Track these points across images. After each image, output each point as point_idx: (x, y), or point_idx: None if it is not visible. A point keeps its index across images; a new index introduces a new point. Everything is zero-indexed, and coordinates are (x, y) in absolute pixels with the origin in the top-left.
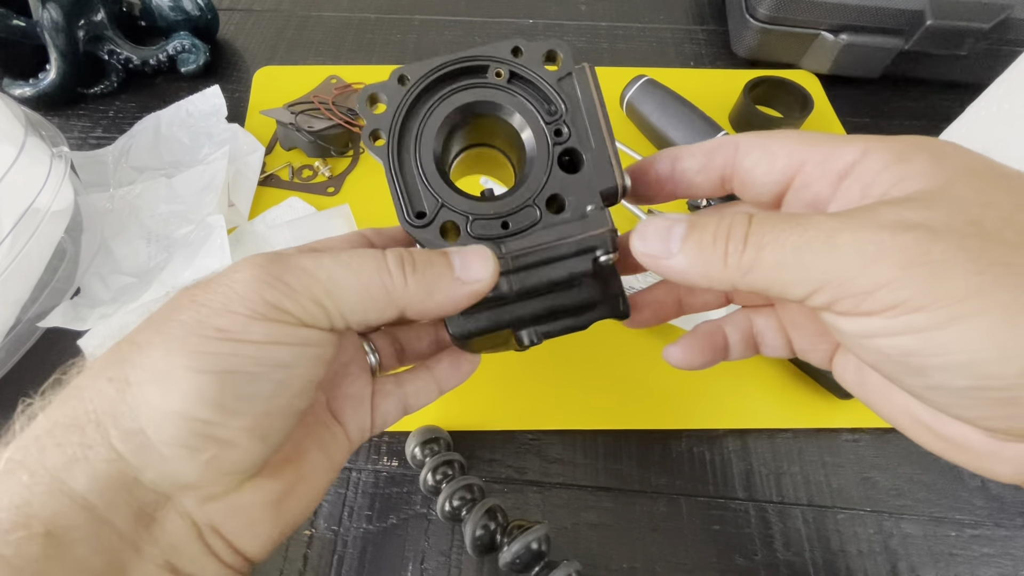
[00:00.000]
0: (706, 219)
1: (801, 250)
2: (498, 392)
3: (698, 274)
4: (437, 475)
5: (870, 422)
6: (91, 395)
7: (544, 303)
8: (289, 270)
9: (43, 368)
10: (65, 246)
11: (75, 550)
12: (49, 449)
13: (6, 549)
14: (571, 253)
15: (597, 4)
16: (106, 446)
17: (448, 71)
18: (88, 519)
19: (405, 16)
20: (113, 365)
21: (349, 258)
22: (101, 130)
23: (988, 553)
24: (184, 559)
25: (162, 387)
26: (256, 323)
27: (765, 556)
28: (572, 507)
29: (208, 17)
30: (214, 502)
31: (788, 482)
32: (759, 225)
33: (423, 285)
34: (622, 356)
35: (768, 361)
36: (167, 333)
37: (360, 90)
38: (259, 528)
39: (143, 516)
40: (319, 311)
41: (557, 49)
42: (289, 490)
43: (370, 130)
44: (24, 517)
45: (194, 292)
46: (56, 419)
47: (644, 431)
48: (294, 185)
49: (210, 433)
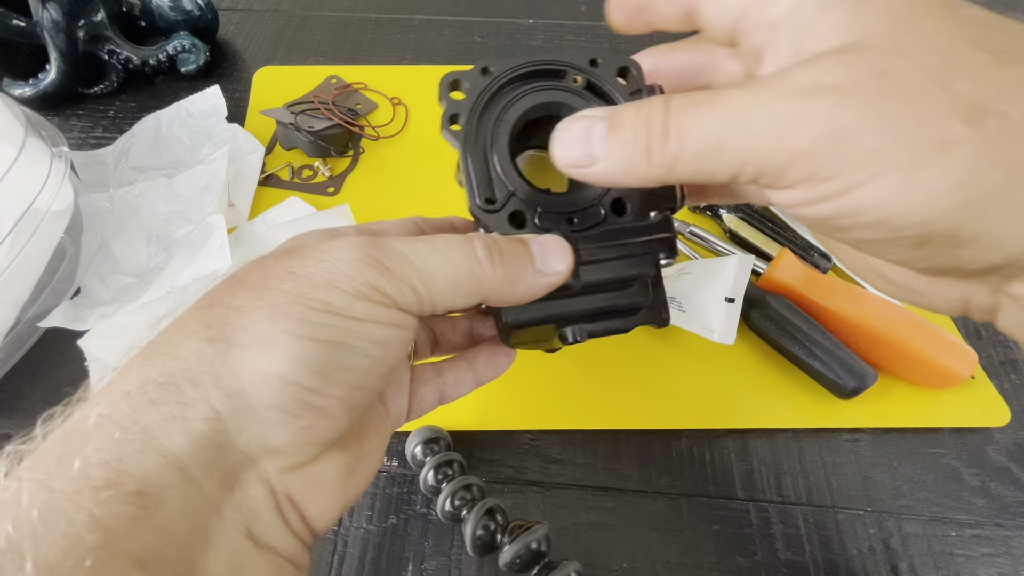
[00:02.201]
0: (623, 112)
1: (719, 135)
2: (498, 392)
3: (626, 177)
4: (437, 475)
5: (870, 422)
6: (187, 354)
7: (597, 302)
8: (389, 255)
9: (43, 368)
10: (65, 246)
11: (164, 511)
12: (142, 406)
13: (96, 508)
14: (636, 254)
15: (597, 4)
16: (205, 405)
17: (529, 70)
18: (179, 479)
19: (405, 16)
20: (211, 326)
21: (442, 245)
22: (101, 130)
23: (988, 553)
24: (261, 526)
25: (267, 350)
26: (358, 301)
27: (765, 556)
28: (572, 507)
29: (208, 17)
30: (295, 471)
31: (788, 482)
32: (677, 113)
33: (509, 274)
34: (622, 356)
35: (768, 361)
36: (269, 300)
37: (444, 76)
38: (329, 500)
39: (228, 479)
40: (413, 296)
41: (630, 67)
42: (355, 465)
43: (450, 114)
44: (115, 474)
45: (291, 264)
46: (147, 376)
47: (644, 431)
48: (294, 185)
49: (309, 400)
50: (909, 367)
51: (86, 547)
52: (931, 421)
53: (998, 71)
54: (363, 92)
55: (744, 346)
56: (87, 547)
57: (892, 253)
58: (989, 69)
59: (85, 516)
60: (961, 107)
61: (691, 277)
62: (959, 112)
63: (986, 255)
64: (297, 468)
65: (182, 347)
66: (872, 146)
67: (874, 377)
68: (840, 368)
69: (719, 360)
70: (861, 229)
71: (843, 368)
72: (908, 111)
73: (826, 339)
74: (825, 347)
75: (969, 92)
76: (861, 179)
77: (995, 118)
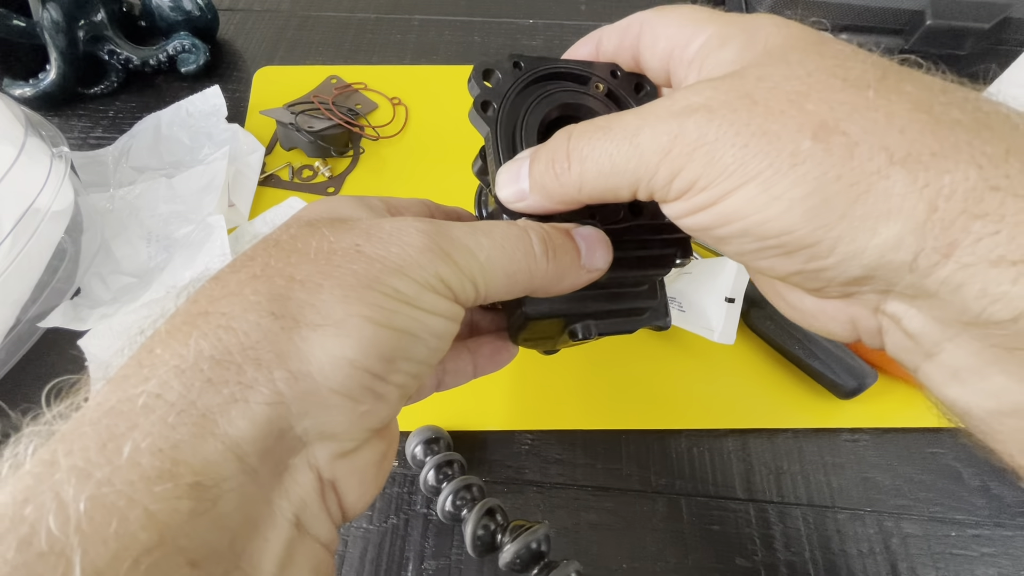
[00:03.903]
0: (541, 148)
1: (613, 156)
2: (498, 392)
3: (548, 202)
4: (437, 475)
5: (870, 422)
6: (247, 328)
7: (611, 300)
8: (456, 247)
9: (43, 368)
10: (65, 246)
11: (221, 505)
12: (199, 386)
13: (152, 503)
14: (653, 253)
15: (597, 4)
16: (270, 387)
17: (557, 71)
18: (238, 470)
19: (405, 16)
20: (273, 299)
21: (502, 240)
22: (101, 130)
23: (988, 553)
24: (308, 515)
25: (340, 333)
26: (427, 292)
27: (765, 556)
28: (572, 507)
29: (208, 17)
30: (343, 458)
31: (788, 482)
32: (576, 140)
33: (559, 270)
34: (622, 356)
35: (768, 361)
36: (339, 279)
37: (478, 63)
38: (366, 488)
39: (280, 466)
40: (472, 291)
41: (644, 83)
42: (387, 451)
43: (482, 99)
44: (171, 463)
45: (358, 242)
46: (201, 350)
47: (644, 431)
48: (294, 185)
49: (372, 386)
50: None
51: (141, 548)
52: (931, 421)
53: (847, 95)
54: (363, 92)
55: (744, 346)
56: (142, 548)
57: (770, 268)
58: (839, 93)
59: (139, 512)
60: (810, 125)
61: (691, 277)
62: (808, 129)
63: (846, 266)
64: (346, 455)
65: (241, 320)
66: (734, 157)
67: (874, 377)
68: (840, 368)
69: (719, 360)
70: (736, 239)
71: (843, 368)
72: (765, 127)
73: (826, 339)
74: (825, 347)
75: (818, 112)
76: (727, 188)
77: (839, 136)
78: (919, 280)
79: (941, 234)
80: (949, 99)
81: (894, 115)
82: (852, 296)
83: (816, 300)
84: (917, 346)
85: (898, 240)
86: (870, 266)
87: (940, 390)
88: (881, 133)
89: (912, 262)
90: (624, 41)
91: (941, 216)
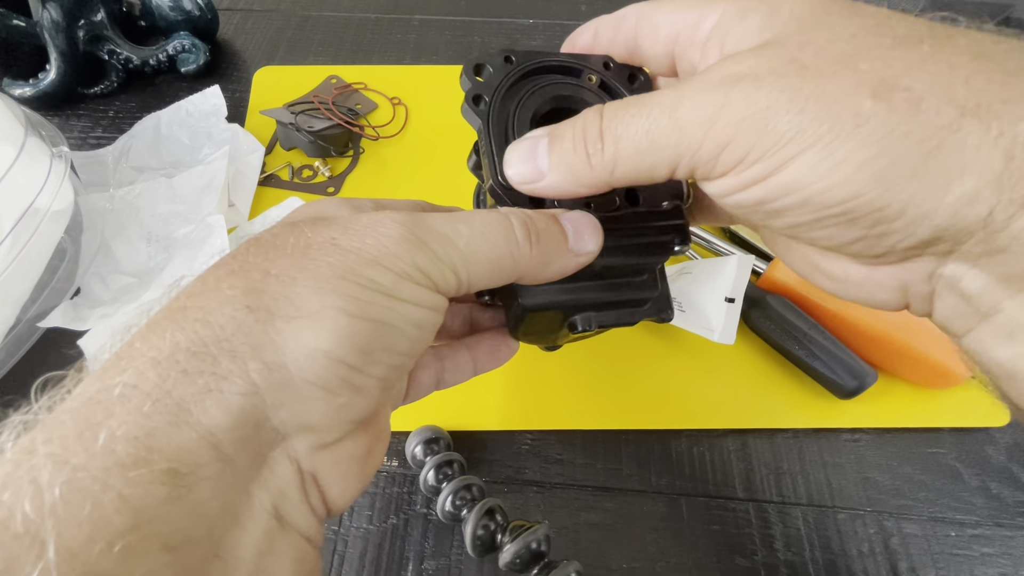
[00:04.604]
0: (563, 126)
1: (651, 132)
2: (498, 392)
3: (572, 185)
4: (437, 475)
5: (870, 422)
6: (222, 321)
7: (609, 291)
8: (433, 236)
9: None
10: (65, 246)
11: (196, 492)
12: (174, 377)
13: (126, 488)
14: (650, 240)
15: (597, 4)
16: (244, 378)
17: (549, 64)
18: (213, 458)
19: (405, 16)
20: (248, 293)
21: (482, 226)
22: (101, 130)
23: (988, 553)
24: (288, 506)
25: (314, 325)
26: (404, 282)
27: (765, 556)
28: (572, 507)
29: (208, 17)
30: (323, 450)
31: (788, 482)
32: (610, 118)
33: (544, 255)
34: (622, 356)
35: (768, 361)
36: (314, 271)
37: (469, 58)
38: (349, 481)
39: (259, 457)
40: (454, 279)
41: (637, 73)
42: (373, 446)
43: (473, 93)
44: (145, 450)
45: (332, 234)
46: (177, 342)
47: (644, 431)
48: (294, 185)
49: (349, 378)
50: (909, 367)
51: (114, 531)
52: (931, 421)
53: (900, 51)
54: (363, 92)
55: (744, 346)
56: (115, 531)
57: (827, 238)
58: (892, 50)
59: (113, 496)
60: (869, 84)
61: (691, 277)
62: (867, 88)
63: (915, 229)
64: (327, 447)
65: (216, 313)
66: (790, 124)
67: (874, 377)
68: (840, 368)
69: (719, 360)
70: (792, 211)
71: (843, 368)
72: (820, 90)
73: (826, 339)
74: (825, 347)
75: (875, 71)
76: (784, 158)
77: (901, 92)
78: (990, 236)
79: (1019, 183)
80: (1008, 47)
81: (956, 66)
82: (910, 260)
83: (865, 268)
84: (972, 308)
85: (974, 195)
86: (941, 226)
87: (990, 352)
88: (946, 85)
89: (987, 216)
90: (619, 35)
91: (1019, 165)
